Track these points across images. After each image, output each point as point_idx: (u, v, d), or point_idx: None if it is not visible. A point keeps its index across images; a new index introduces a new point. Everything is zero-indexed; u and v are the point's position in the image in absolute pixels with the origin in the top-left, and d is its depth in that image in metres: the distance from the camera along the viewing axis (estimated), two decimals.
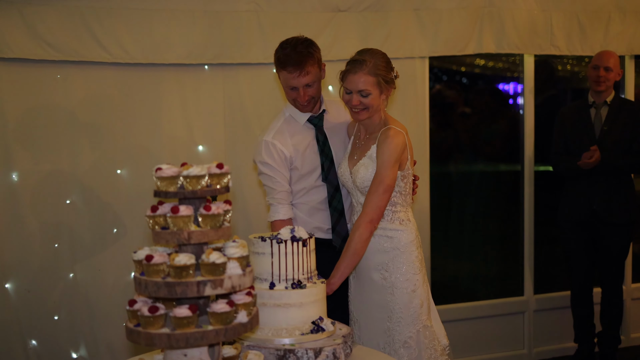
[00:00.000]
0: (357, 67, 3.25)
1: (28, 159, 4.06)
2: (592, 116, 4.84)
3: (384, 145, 3.22)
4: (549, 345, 5.38)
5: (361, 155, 3.33)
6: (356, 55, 3.33)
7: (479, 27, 4.83)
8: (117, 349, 4.21)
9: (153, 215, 2.14)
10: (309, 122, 3.52)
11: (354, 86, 3.24)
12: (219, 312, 2.05)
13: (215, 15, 4.26)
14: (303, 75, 3.33)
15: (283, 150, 3.43)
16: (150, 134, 4.25)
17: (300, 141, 3.49)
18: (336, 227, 3.50)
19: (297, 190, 3.50)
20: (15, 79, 4.02)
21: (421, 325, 3.28)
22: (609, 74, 4.77)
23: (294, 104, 3.48)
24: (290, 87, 3.38)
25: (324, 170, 3.49)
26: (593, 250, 4.92)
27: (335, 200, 3.51)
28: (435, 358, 3.31)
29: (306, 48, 3.34)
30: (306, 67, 3.31)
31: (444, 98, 5.40)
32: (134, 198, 4.19)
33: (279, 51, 3.37)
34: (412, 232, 3.34)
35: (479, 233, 5.54)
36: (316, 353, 2.51)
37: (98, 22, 4.06)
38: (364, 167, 3.28)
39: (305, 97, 3.38)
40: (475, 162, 5.63)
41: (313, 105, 3.48)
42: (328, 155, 3.51)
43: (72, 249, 4.15)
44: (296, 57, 3.30)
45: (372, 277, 3.32)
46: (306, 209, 3.51)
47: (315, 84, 3.40)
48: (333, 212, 3.50)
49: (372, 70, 3.24)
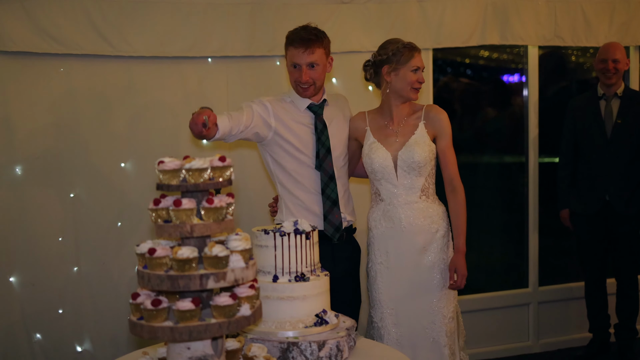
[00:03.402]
0: (417, 49, 3.53)
1: (32, 153, 4.06)
2: (602, 109, 4.81)
3: (444, 118, 3.53)
4: (554, 337, 5.38)
5: (406, 137, 3.49)
6: (410, 43, 3.55)
7: (482, 19, 4.81)
8: (122, 342, 4.22)
9: (155, 208, 2.13)
10: (308, 109, 3.54)
11: (421, 63, 3.53)
12: (222, 305, 2.05)
13: (218, 8, 4.25)
14: (308, 54, 3.40)
15: (269, 112, 3.46)
16: (153, 127, 4.25)
17: (296, 123, 3.52)
18: (328, 216, 3.49)
19: (290, 169, 3.51)
20: (19, 72, 4.01)
21: (456, 300, 3.61)
22: (618, 66, 4.75)
23: (295, 86, 3.51)
24: (294, 65, 3.44)
25: (319, 157, 3.49)
26: (606, 241, 4.90)
27: (329, 189, 3.50)
28: (463, 330, 3.66)
29: (316, 30, 3.46)
30: (312, 46, 3.40)
31: (448, 90, 5.39)
32: (138, 191, 4.19)
33: (290, 31, 3.49)
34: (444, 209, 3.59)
35: (484, 225, 5.53)
36: (320, 346, 2.52)
37: (101, 15, 4.06)
38: (419, 145, 3.44)
39: (306, 76, 3.42)
40: (480, 154, 5.61)
41: (313, 92, 3.50)
42: (325, 144, 3.51)
43: (77, 242, 4.16)
44: (305, 34, 3.41)
45: (418, 259, 3.48)
46: (297, 197, 3.52)
47: (318, 68, 3.45)
48: (325, 201, 3.49)
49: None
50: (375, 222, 3.54)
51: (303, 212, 3.50)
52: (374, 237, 3.55)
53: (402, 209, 3.46)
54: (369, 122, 3.59)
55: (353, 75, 4.50)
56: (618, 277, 4.96)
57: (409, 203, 3.45)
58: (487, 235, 5.63)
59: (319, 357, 2.50)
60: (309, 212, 3.50)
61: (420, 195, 3.46)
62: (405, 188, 3.46)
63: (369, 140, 3.54)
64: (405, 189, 3.46)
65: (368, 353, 2.72)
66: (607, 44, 4.85)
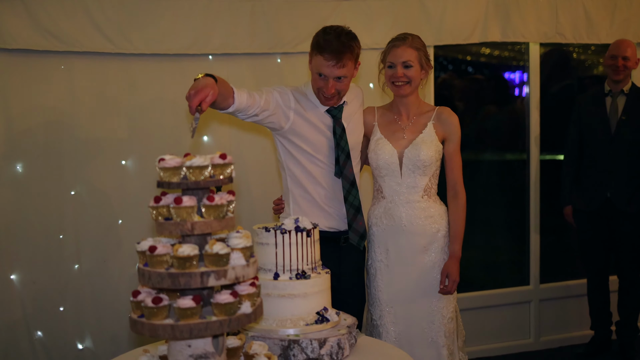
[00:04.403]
0: (400, 41, 3.44)
1: (32, 150, 4.06)
2: (608, 106, 4.80)
3: (455, 122, 3.49)
4: (555, 335, 5.38)
5: (415, 134, 3.46)
6: (396, 36, 3.50)
7: (483, 16, 4.80)
8: (122, 340, 4.22)
9: (156, 206, 2.13)
10: (327, 112, 3.39)
11: (397, 58, 3.40)
12: (222, 302, 2.04)
13: (219, 5, 4.25)
14: (338, 67, 3.18)
15: (290, 105, 3.29)
16: (154, 124, 4.25)
17: (314, 123, 3.35)
18: (352, 224, 3.39)
19: (304, 163, 3.37)
20: (19, 70, 4.01)
21: (455, 301, 3.58)
22: (627, 63, 4.74)
23: (317, 93, 3.32)
24: (320, 75, 3.22)
25: (339, 164, 3.36)
26: (609, 238, 4.89)
27: (352, 195, 3.39)
28: (462, 330, 3.64)
29: (349, 40, 3.21)
30: (344, 59, 3.18)
31: (449, 87, 5.38)
32: (138, 189, 4.19)
33: (320, 35, 3.23)
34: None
35: (485, 222, 5.53)
36: (321, 343, 2.51)
37: (101, 13, 4.05)
38: (426, 144, 3.42)
39: (332, 89, 3.23)
40: (481, 151, 5.61)
41: (335, 102, 3.35)
42: (344, 149, 3.37)
43: (77, 240, 4.16)
44: (337, 46, 3.16)
45: (419, 259, 3.46)
46: (309, 192, 3.38)
47: (345, 80, 3.26)
48: (349, 209, 3.38)
49: (413, 44, 3.44)
50: (376, 219, 3.53)
51: (314, 209, 3.39)
52: (374, 234, 3.54)
53: (403, 207, 3.44)
54: (378, 118, 3.56)
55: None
56: (620, 274, 4.95)
57: (411, 202, 3.44)
58: (488, 232, 5.63)
59: (320, 354, 2.50)
60: (320, 210, 3.39)
61: (422, 194, 3.45)
62: (409, 187, 3.44)
63: (376, 135, 3.52)
64: (408, 188, 3.45)
65: (369, 351, 2.71)
66: (619, 40, 4.83)
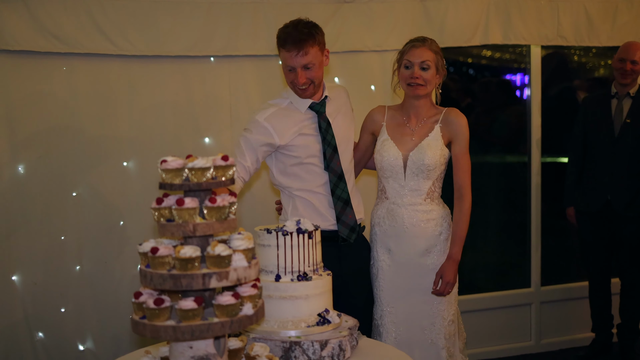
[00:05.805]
0: (420, 42, 3.45)
1: (34, 152, 4.06)
2: (613, 108, 4.79)
3: (462, 122, 3.48)
4: (556, 337, 5.38)
5: (421, 137, 3.45)
6: (415, 37, 3.51)
7: (485, 18, 4.80)
8: (124, 341, 4.22)
9: (158, 207, 2.13)
10: (310, 109, 3.44)
11: (416, 58, 3.41)
12: (224, 304, 2.05)
13: (221, 7, 4.25)
14: (301, 56, 3.25)
15: (271, 133, 3.38)
16: (156, 126, 4.24)
17: (299, 129, 3.42)
18: (341, 217, 3.44)
19: (296, 176, 3.44)
20: (21, 71, 4.01)
21: (457, 303, 3.58)
22: (635, 67, 4.71)
23: (292, 87, 3.39)
24: (289, 68, 3.31)
25: (326, 158, 3.42)
26: (611, 241, 4.87)
27: (339, 189, 3.44)
28: (463, 332, 3.64)
29: (308, 28, 3.29)
30: (305, 47, 3.25)
31: (451, 89, 5.38)
32: (140, 190, 4.18)
33: (281, 30, 3.33)
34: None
35: (486, 224, 5.53)
36: (322, 345, 2.51)
37: (103, 14, 4.05)
38: (431, 148, 3.41)
39: (302, 79, 3.29)
40: (482, 153, 5.61)
41: (312, 91, 3.39)
42: (331, 143, 3.43)
43: (79, 241, 4.15)
44: (296, 36, 3.24)
45: (421, 261, 3.46)
46: (308, 200, 3.44)
47: (314, 67, 3.30)
48: (337, 202, 3.43)
49: (432, 47, 3.45)
50: (379, 219, 3.53)
51: (313, 215, 3.41)
52: (376, 234, 3.54)
53: (405, 209, 3.44)
54: (387, 118, 3.56)
55: (356, 75, 4.50)
56: (622, 277, 4.94)
57: (413, 205, 3.44)
58: (489, 234, 5.63)
59: (321, 356, 2.50)
60: (318, 214, 3.43)
61: (425, 197, 3.45)
62: (411, 189, 3.44)
63: (383, 136, 3.52)
64: (411, 190, 3.44)
65: (370, 353, 2.71)
66: (628, 43, 4.80)
